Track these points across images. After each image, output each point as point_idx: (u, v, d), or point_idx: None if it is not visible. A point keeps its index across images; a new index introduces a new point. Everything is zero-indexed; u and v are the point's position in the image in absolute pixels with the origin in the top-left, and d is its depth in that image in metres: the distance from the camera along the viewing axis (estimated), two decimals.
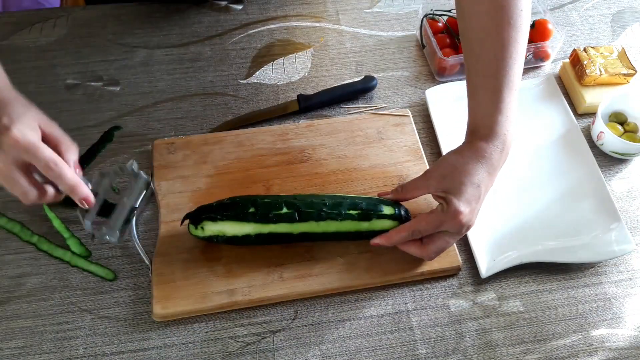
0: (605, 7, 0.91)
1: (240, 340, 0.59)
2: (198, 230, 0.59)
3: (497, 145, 0.57)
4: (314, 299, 0.61)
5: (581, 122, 0.77)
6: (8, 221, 0.65)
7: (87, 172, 0.70)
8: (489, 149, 0.57)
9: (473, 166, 0.56)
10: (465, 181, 0.55)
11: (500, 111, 0.57)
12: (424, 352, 0.58)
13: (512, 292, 0.63)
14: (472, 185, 0.55)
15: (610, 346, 0.59)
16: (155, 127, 0.74)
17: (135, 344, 0.58)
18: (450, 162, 0.58)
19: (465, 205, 0.55)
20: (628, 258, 0.65)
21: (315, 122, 0.74)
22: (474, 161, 0.56)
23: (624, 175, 0.72)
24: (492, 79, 0.58)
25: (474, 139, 0.58)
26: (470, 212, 0.56)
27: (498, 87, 0.57)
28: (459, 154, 0.58)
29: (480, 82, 0.59)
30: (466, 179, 0.56)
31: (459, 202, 0.55)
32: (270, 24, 0.86)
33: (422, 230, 0.57)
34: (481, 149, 0.57)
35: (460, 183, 0.55)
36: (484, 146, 0.57)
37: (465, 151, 0.58)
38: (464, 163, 0.56)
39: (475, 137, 0.58)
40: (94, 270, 0.62)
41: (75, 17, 0.86)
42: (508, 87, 0.57)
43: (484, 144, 0.57)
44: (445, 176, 0.57)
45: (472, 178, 0.56)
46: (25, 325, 0.59)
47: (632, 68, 0.77)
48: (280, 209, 0.59)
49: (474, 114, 0.60)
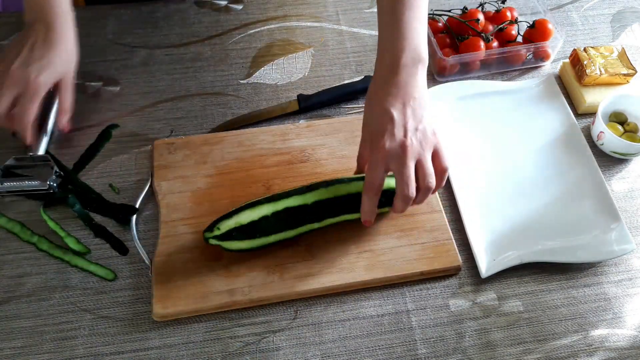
0: (605, 7, 0.91)
1: (240, 340, 0.59)
2: (215, 231, 0.59)
3: (405, 69, 0.58)
4: (314, 299, 0.61)
5: (581, 122, 0.77)
6: (8, 221, 0.65)
7: (88, 172, 0.70)
8: (397, 74, 0.58)
9: (385, 98, 0.58)
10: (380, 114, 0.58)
11: (404, 36, 0.59)
12: (424, 352, 0.58)
13: (512, 292, 0.63)
14: (385, 115, 0.57)
15: (610, 346, 0.59)
16: (155, 127, 0.74)
17: (135, 344, 0.58)
18: (368, 105, 0.60)
19: (382, 133, 0.56)
20: (628, 258, 0.65)
21: (315, 122, 0.74)
22: (386, 94, 0.58)
23: (624, 175, 0.72)
24: (393, 15, 0.60)
25: (381, 71, 0.60)
26: (390, 135, 0.56)
27: (400, 16, 0.59)
28: (372, 94, 0.60)
29: (384, 19, 0.61)
30: (382, 117, 0.58)
31: (377, 133, 0.57)
32: (270, 24, 0.86)
33: (375, 181, 0.57)
34: (390, 78, 0.58)
35: (375, 117, 0.58)
36: (393, 75, 0.58)
37: (375, 88, 0.59)
38: (378, 101, 0.58)
39: (383, 67, 0.59)
40: (94, 270, 0.62)
41: (75, 17, 0.86)
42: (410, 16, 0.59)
43: (391, 74, 0.58)
44: (368, 118, 0.60)
45: (386, 109, 0.57)
46: (25, 325, 0.59)
47: (632, 68, 0.77)
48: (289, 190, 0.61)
49: (381, 47, 0.61)
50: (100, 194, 0.68)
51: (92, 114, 0.75)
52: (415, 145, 0.56)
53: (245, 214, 0.59)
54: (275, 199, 0.60)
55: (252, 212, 0.59)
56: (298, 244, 0.63)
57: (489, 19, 0.83)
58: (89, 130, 0.73)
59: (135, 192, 0.68)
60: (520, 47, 0.80)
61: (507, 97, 0.78)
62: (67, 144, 0.72)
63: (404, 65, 0.58)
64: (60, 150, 0.72)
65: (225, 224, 0.59)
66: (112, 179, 0.69)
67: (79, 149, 0.71)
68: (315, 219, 0.61)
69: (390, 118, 0.57)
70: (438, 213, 0.66)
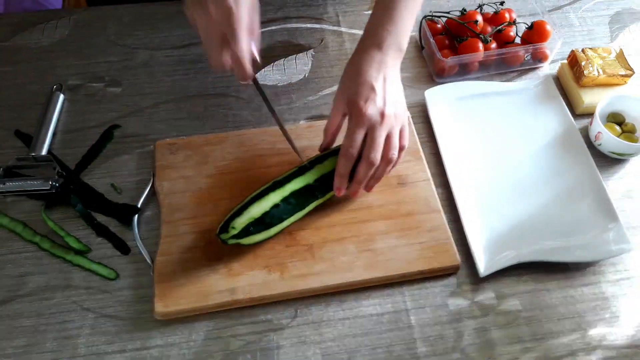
0: (603, 8, 0.92)
1: (242, 339, 0.59)
2: (231, 231, 0.59)
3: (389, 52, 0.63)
4: (314, 298, 0.61)
5: (579, 122, 0.77)
6: (10, 221, 0.65)
7: (90, 172, 0.70)
8: (381, 53, 0.62)
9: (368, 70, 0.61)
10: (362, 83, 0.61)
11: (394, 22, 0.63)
12: (423, 350, 0.59)
13: (510, 291, 0.63)
14: (367, 84, 0.61)
15: (608, 345, 0.60)
16: (157, 128, 0.75)
17: (137, 343, 0.58)
18: (349, 76, 0.63)
19: (364, 100, 0.59)
20: (626, 257, 0.66)
21: (315, 122, 0.74)
22: (369, 67, 0.61)
23: (621, 175, 0.73)
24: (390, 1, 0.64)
25: (367, 47, 0.63)
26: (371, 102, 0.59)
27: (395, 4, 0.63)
28: (355, 66, 0.63)
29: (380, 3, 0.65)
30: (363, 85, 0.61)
31: (359, 99, 0.60)
32: (270, 26, 0.87)
33: (353, 144, 0.60)
34: (375, 55, 0.62)
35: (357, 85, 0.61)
36: (378, 52, 0.62)
37: (359, 61, 0.63)
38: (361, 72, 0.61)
39: (369, 45, 0.63)
40: (95, 269, 0.62)
41: (77, 18, 0.87)
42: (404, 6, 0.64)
43: (377, 51, 0.62)
44: (347, 87, 0.62)
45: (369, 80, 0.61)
46: (28, 324, 0.59)
47: (629, 69, 0.78)
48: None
49: (371, 24, 0.65)
50: (102, 194, 0.68)
51: (93, 115, 0.76)
52: (391, 117, 0.60)
53: (255, 207, 0.60)
54: (279, 185, 0.62)
55: (261, 204, 0.60)
56: (299, 243, 0.63)
57: (488, 21, 0.84)
58: (90, 131, 0.74)
59: (137, 192, 0.68)
60: (519, 48, 0.81)
61: (506, 98, 0.79)
62: (68, 144, 0.73)
63: (388, 46, 0.63)
64: (63, 150, 0.72)
65: (238, 222, 0.59)
66: (114, 179, 0.70)
67: (81, 150, 0.72)
68: (320, 194, 0.64)
69: (371, 87, 0.60)
70: (437, 213, 0.67)
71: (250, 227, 0.59)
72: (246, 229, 0.59)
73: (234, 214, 0.60)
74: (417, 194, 0.68)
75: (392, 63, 0.63)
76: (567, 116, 0.76)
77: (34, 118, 0.74)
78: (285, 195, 0.61)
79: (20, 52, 0.82)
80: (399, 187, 0.69)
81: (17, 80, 0.80)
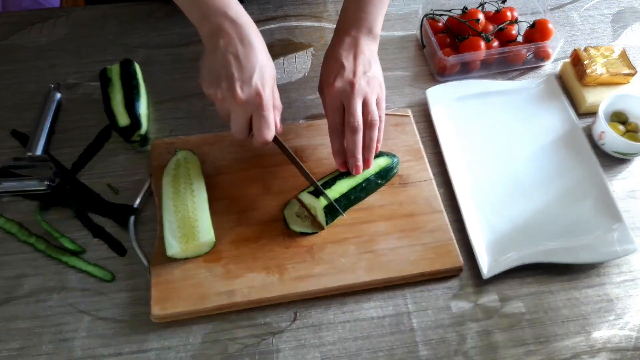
0: (606, 7, 0.91)
1: (240, 342, 0.58)
2: (322, 201, 0.63)
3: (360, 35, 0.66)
4: (314, 300, 0.61)
5: (582, 122, 0.76)
6: (6, 221, 0.65)
7: (86, 172, 0.69)
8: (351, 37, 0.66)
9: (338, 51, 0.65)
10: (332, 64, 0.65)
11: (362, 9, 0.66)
12: (425, 354, 0.58)
13: (513, 293, 0.62)
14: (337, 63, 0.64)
15: (612, 347, 0.59)
16: (155, 127, 0.74)
17: (133, 346, 0.57)
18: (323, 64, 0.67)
19: (333, 76, 0.63)
20: (630, 258, 0.65)
21: (315, 122, 0.74)
22: (340, 49, 0.65)
23: (625, 175, 0.72)
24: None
25: (339, 35, 0.67)
26: (339, 76, 0.63)
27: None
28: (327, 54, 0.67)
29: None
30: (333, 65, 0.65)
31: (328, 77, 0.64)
32: (270, 24, 0.86)
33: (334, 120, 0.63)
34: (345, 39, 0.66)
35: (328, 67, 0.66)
36: (347, 37, 0.66)
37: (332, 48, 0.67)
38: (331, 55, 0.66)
39: (340, 33, 0.67)
40: (91, 270, 0.62)
41: (75, 17, 0.86)
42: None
43: (346, 36, 0.66)
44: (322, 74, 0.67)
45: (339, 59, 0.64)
46: (23, 326, 0.58)
47: (632, 68, 0.77)
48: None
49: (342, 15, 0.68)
50: (98, 194, 0.67)
51: (91, 114, 0.75)
52: (363, 85, 0.63)
53: (306, 197, 0.64)
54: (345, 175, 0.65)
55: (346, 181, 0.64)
56: (298, 244, 0.63)
57: (489, 19, 0.83)
58: (87, 130, 0.73)
59: (134, 192, 0.67)
60: (521, 47, 0.80)
61: (508, 97, 0.78)
62: (65, 144, 0.72)
63: (358, 30, 0.66)
64: (59, 150, 0.71)
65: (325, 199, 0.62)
66: (111, 179, 0.69)
67: (77, 149, 0.71)
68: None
69: (341, 65, 0.64)
70: (439, 213, 0.66)
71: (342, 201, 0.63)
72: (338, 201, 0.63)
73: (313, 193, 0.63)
74: (419, 194, 0.67)
75: (365, 44, 0.66)
76: (570, 115, 0.75)
77: (31, 117, 0.73)
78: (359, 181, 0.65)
79: (18, 51, 0.81)
80: (400, 187, 0.68)
81: (15, 79, 0.79)
